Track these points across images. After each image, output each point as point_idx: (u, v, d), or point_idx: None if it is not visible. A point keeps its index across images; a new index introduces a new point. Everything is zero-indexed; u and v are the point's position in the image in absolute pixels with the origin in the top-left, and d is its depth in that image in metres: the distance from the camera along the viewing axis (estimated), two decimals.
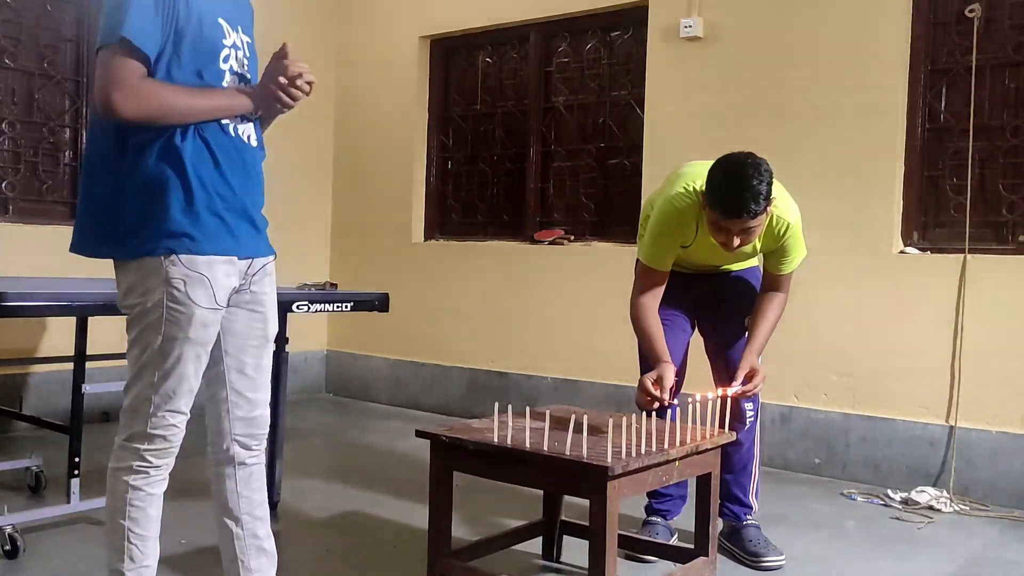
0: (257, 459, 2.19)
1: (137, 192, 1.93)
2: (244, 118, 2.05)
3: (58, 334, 4.62)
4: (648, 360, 2.93)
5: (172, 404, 1.99)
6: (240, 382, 2.12)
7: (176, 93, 1.91)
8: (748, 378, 2.89)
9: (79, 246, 2.03)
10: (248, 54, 2.10)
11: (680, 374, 3.08)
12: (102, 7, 1.94)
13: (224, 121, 2.00)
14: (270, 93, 2.02)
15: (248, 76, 2.09)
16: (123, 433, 2.01)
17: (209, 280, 1.96)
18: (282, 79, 2.00)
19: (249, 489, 2.17)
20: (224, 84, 2.01)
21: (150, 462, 2.00)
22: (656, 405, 2.68)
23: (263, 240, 2.12)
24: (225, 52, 2.01)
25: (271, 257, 2.16)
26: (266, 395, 2.18)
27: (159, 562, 2.10)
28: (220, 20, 2.01)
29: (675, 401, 2.78)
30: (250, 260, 2.08)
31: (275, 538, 2.25)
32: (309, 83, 2.04)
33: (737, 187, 2.64)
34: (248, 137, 2.07)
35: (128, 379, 2.01)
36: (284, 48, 2.02)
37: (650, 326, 2.93)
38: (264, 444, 2.20)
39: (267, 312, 2.15)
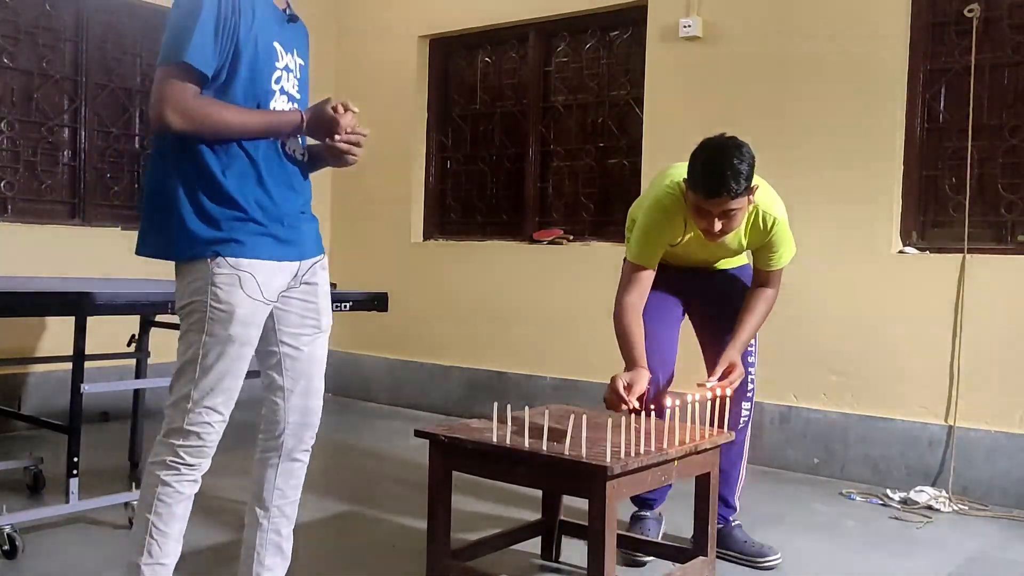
0: (303, 458, 2.26)
1: (188, 202, 2.00)
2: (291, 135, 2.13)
3: (57, 334, 4.62)
4: (625, 361, 2.88)
5: (209, 401, 2.03)
6: (295, 369, 2.20)
7: (225, 112, 1.99)
8: (726, 373, 2.86)
9: (142, 249, 2.10)
10: (300, 76, 2.18)
11: (671, 372, 3.08)
12: (167, 20, 2.01)
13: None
14: (325, 128, 2.07)
15: (299, 96, 2.17)
16: (164, 429, 2.07)
17: (254, 277, 2.02)
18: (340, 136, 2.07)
19: (287, 485, 2.25)
20: (273, 104, 2.08)
21: (183, 459, 2.04)
22: (624, 408, 2.67)
23: (310, 242, 2.20)
24: (277, 74, 2.09)
25: (321, 256, 2.24)
26: (320, 384, 2.27)
27: None
28: (275, 43, 2.08)
29: (638, 406, 2.73)
30: (298, 263, 2.15)
31: None
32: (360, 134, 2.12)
33: (718, 167, 2.65)
34: (294, 152, 2.16)
35: (172, 376, 2.07)
36: (340, 105, 2.08)
37: (631, 327, 2.88)
38: (313, 442, 2.27)
39: (320, 302, 2.25)
